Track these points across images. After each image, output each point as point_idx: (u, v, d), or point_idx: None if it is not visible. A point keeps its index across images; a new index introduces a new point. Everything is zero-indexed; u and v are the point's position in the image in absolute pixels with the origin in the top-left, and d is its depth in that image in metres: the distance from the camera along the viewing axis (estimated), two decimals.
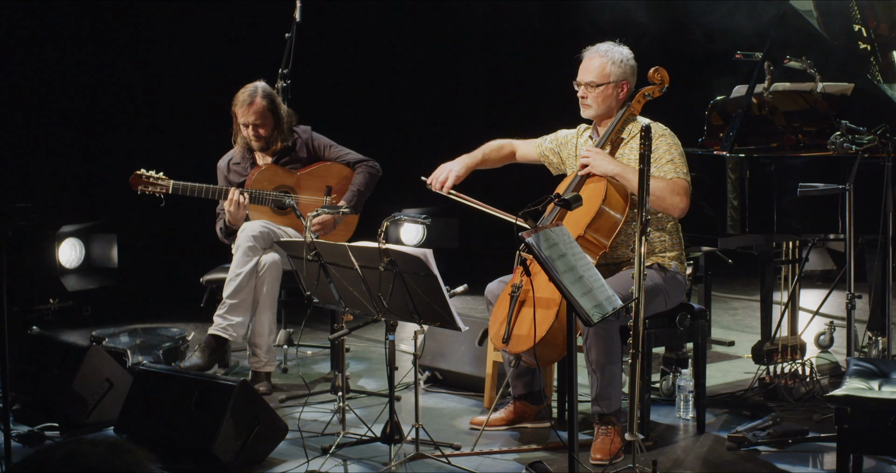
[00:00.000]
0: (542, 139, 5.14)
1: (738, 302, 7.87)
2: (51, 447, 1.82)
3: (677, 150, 4.72)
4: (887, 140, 5.04)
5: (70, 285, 7.46)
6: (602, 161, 4.69)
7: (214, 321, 5.54)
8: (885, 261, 5.06)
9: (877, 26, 5.89)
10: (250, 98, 5.68)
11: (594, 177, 4.73)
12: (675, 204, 4.62)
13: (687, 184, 4.67)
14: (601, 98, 4.80)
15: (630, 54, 4.85)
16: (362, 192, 5.83)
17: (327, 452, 4.50)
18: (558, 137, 5.10)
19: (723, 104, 5.97)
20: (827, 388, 5.16)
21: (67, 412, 4.84)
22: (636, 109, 4.86)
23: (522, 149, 5.17)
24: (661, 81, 4.87)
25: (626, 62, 4.81)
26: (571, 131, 5.08)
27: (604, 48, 4.84)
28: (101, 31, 8.13)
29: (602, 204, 4.63)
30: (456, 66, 9.23)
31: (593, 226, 4.62)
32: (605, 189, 4.66)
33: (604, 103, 4.81)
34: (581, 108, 4.87)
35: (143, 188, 5.63)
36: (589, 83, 4.80)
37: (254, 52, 7.79)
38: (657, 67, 4.86)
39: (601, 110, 4.83)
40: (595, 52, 4.84)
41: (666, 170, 4.66)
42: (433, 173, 5.11)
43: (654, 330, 4.68)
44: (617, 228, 4.66)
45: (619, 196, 4.68)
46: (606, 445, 4.51)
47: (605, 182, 4.68)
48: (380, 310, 4.35)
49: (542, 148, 5.12)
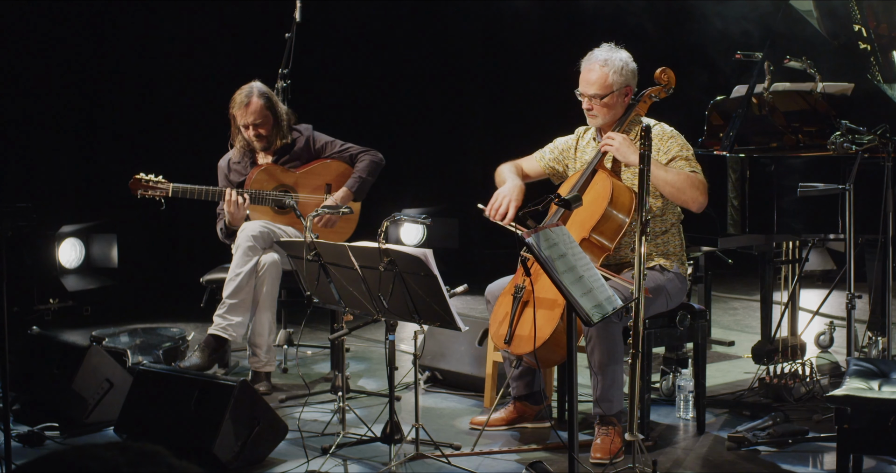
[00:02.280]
0: (542, 152, 5.10)
1: (738, 302, 7.87)
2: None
3: (690, 150, 4.73)
4: (887, 140, 5.04)
5: (70, 285, 7.46)
6: (626, 147, 4.63)
7: (214, 321, 5.54)
8: (885, 261, 5.05)
9: (877, 26, 5.89)
10: (247, 98, 5.68)
11: (601, 177, 4.72)
12: (695, 197, 4.61)
13: (705, 181, 4.68)
14: (607, 108, 4.78)
15: (629, 57, 4.81)
16: (364, 179, 5.82)
17: (327, 452, 4.50)
18: (557, 146, 5.07)
19: (723, 104, 5.97)
20: (827, 388, 5.16)
21: (67, 412, 4.84)
22: (642, 110, 4.86)
23: (527, 166, 5.12)
24: (668, 82, 4.85)
25: (626, 68, 4.78)
26: (570, 136, 5.06)
27: (602, 56, 4.77)
28: (100, 30, 8.13)
29: (608, 206, 4.61)
30: (456, 66, 9.23)
31: (598, 228, 4.61)
32: (612, 190, 4.62)
33: (610, 111, 4.79)
34: (588, 119, 4.84)
35: (143, 192, 5.62)
36: (593, 96, 4.77)
37: (254, 52, 7.79)
38: (664, 68, 4.84)
39: (608, 118, 4.81)
40: (594, 62, 4.78)
41: (681, 167, 4.66)
42: (491, 202, 4.88)
43: (654, 330, 4.68)
44: (622, 230, 4.63)
45: (625, 198, 4.65)
46: (606, 445, 4.51)
47: (611, 183, 4.65)
48: (380, 310, 4.35)
49: (544, 161, 5.07)
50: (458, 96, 9.31)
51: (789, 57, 5.69)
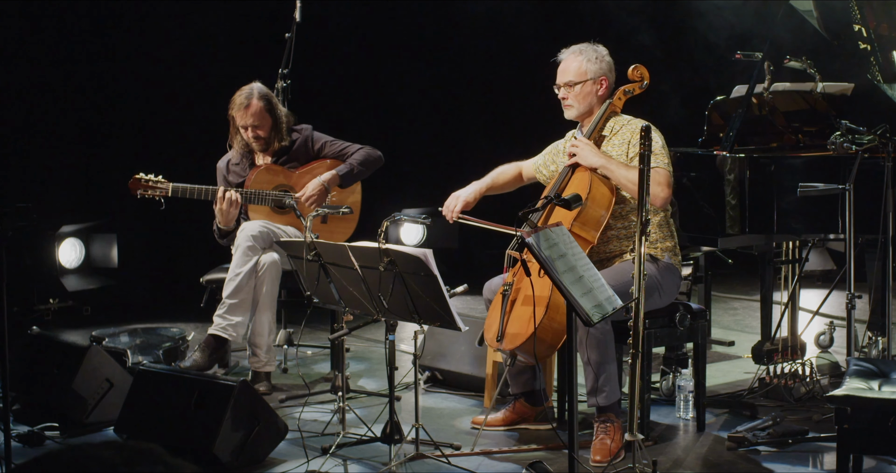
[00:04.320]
0: (537, 157, 5.20)
1: (738, 302, 7.87)
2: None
3: (658, 143, 4.73)
4: (887, 140, 5.04)
5: (70, 285, 7.46)
6: (588, 152, 4.74)
7: (214, 321, 5.54)
8: (885, 261, 5.05)
9: (877, 26, 5.88)
10: (247, 100, 5.67)
11: (579, 172, 4.77)
12: (657, 193, 4.60)
13: (669, 175, 4.68)
14: (581, 96, 4.85)
15: (605, 52, 4.91)
16: (354, 166, 5.80)
17: (327, 452, 4.50)
18: (550, 150, 5.17)
19: (723, 104, 5.97)
20: (827, 388, 5.15)
21: (67, 412, 4.84)
22: (618, 106, 4.92)
23: (526, 169, 5.22)
24: (641, 78, 4.93)
25: (601, 58, 4.87)
26: (561, 140, 5.15)
27: (578, 48, 4.90)
28: (100, 30, 8.13)
29: (586, 199, 4.65)
30: (456, 66, 9.23)
31: (579, 220, 4.65)
32: (590, 183, 4.69)
33: (584, 101, 4.86)
34: (564, 110, 4.94)
35: (143, 192, 5.62)
36: (567, 83, 4.86)
37: (254, 52, 7.79)
38: (636, 65, 4.94)
39: (583, 108, 4.87)
40: (570, 52, 4.91)
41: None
42: (445, 202, 5.12)
43: (654, 330, 4.69)
44: (603, 223, 4.69)
45: (603, 190, 4.70)
46: (606, 445, 4.51)
47: (589, 176, 4.72)
48: (380, 310, 4.35)
49: (536, 164, 5.18)
50: (458, 96, 9.31)
51: (789, 57, 5.69)
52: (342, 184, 5.79)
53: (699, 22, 6.63)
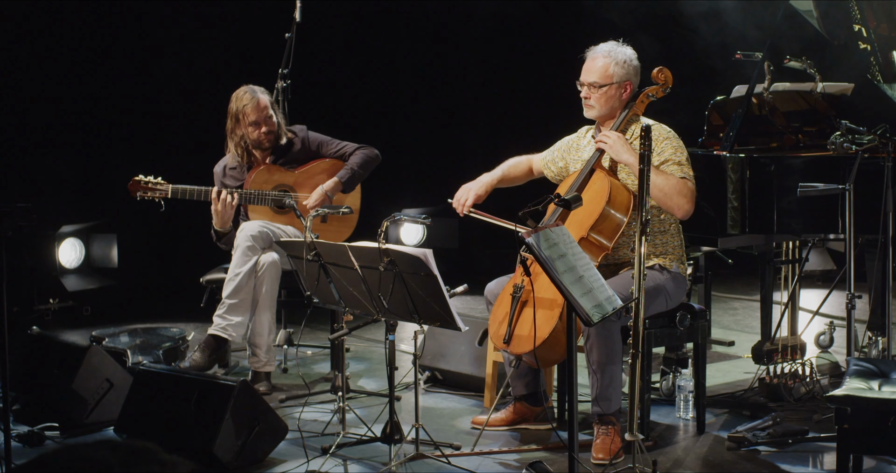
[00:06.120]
0: (546, 151, 5.14)
1: (738, 302, 7.87)
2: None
3: (683, 154, 4.70)
4: (887, 140, 5.04)
5: (70, 285, 7.46)
6: (620, 147, 4.63)
7: (214, 321, 5.54)
8: (885, 261, 5.05)
9: (877, 26, 5.88)
10: (254, 96, 5.67)
11: (598, 176, 4.72)
12: (681, 204, 4.59)
13: (693, 188, 4.65)
14: (604, 98, 4.79)
15: (633, 54, 4.83)
16: (356, 170, 5.81)
17: (327, 452, 4.50)
18: (561, 145, 5.09)
19: (723, 104, 5.97)
20: (827, 388, 5.15)
21: (67, 412, 4.84)
22: (640, 110, 4.85)
23: (535, 163, 5.16)
24: (665, 82, 4.84)
25: (629, 63, 4.80)
26: (573, 135, 5.07)
27: (607, 48, 4.82)
28: (100, 30, 8.13)
29: (606, 205, 4.60)
30: (456, 66, 9.23)
31: (597, 227, 4.60)
32: (609, 190, 4.62)
33: (607, 104, 4.80)
34: (584, 109, 4.85)
35: (143, 194, 5.62)
36: (592, 84, 4.79)
37: (254, 51, 7.79)
38: (661, 67, 4.85)
39: (604, 111, 4.81)
40: (598, 52, 4.82)
41: (672, 171, 4.64)
42: (455, 194, 5.08)
43: (654, 330, 4.68)
44: (620, 229, 4.63)
45: (623, 197, 4.64)
46: (607, 445, 4.51)
47: (609, 182, 4.65)
48: (380, 310, 4.35)
49: (545, 159, 5.11)
50: (458, 96, 9.30)
51: (789, 57, 5.69)
52: (344, 189, 5.81)
53: (699, 22, 6.63)
